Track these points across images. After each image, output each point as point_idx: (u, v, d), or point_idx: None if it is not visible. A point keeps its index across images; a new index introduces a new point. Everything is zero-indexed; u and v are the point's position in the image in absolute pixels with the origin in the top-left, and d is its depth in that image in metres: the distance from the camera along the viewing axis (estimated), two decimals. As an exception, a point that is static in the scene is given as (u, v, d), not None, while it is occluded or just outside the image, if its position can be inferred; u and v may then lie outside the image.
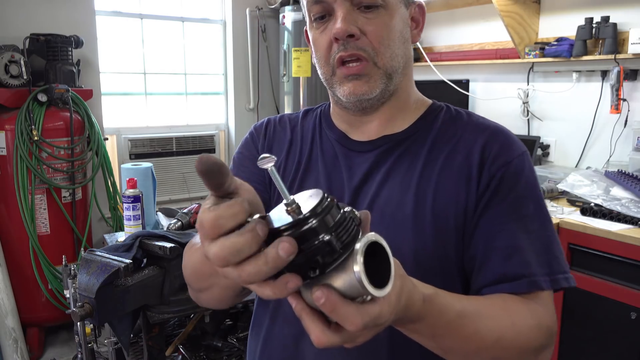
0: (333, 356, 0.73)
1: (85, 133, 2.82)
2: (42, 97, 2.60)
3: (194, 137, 3.66)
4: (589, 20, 2.40)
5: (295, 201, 0.42)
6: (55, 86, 2.62)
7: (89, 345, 1.83)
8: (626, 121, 2.44)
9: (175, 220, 1.92)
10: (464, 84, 3.05)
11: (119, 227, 2.97)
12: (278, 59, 3.67)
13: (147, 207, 1.98)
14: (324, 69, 0.78)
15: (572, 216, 2.04)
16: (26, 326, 2.67)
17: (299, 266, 0.42)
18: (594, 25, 2.40)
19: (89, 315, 1.46)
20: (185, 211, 1.97)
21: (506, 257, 0.70)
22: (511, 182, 0.73)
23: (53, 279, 2.65)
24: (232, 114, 3.83)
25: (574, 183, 2.22)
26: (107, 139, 3.15)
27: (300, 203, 0.42)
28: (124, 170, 2.03)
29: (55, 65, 2.72)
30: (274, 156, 0.43)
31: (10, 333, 2.50)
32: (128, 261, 1.53)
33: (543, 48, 2.61)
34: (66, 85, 2.69)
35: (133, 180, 1.84)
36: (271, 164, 0.43)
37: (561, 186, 2.26)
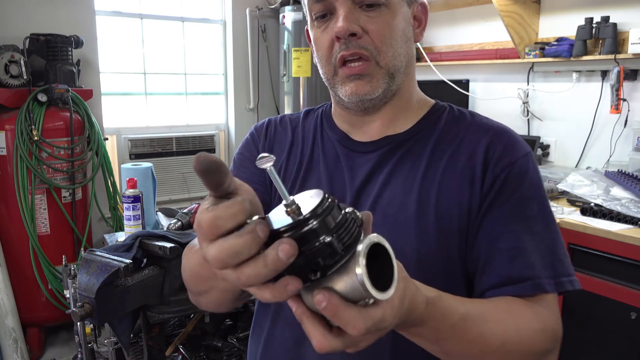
0: None
1: (85, 133, 2.82)
2: (42, 97, 2.60)
3: (194, 137, 3.66)
4: (589, 20, 2.40)
5: (295, 202, 0.41)
6: (55, 86, 2.62)
7: (89, 345, 1.83)
8: (626, 121, 2.44)
9: (175, 220, 1.92)
10: (464, 84, 3.05)
11: (119, 227, 2.97)
12: (278, 59, 3.67)
13: (147, 207, 1.99)
14: (326, 69, 0.77)
15: (572, 216, 2.04)
16: (26, 326, 2.67)
17: (299, 269, 0.41)
18: (594, 25, 2.40)
19: (89, 315, 1.46)
20: (185, 211, 1.97)
21: (510, 259, 0.69)
22: (515, 183, 0.72)
23: (53, 279, 2.65)
24: (232, 114, 3.83)
25: (574, 183, 2.22)
26: (107, 139, 3.15)
27: (300, 204, 0.41)
28: (124, 170, 2.03)
29: (55, 65, 2.72)
30: (273, 156, 0.42)
31: (10, 333, 2.50)
32: (128, 261, 1.53)
33: (543, 48, 2.61)
34: (66, 85, 2.69)
35: (133, 180, 1.84)
36: (270, 164, 0.42)
37: (561, 186, 2.26)
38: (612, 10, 2.41)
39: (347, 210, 0.43)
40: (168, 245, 1.61)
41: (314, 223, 0.40)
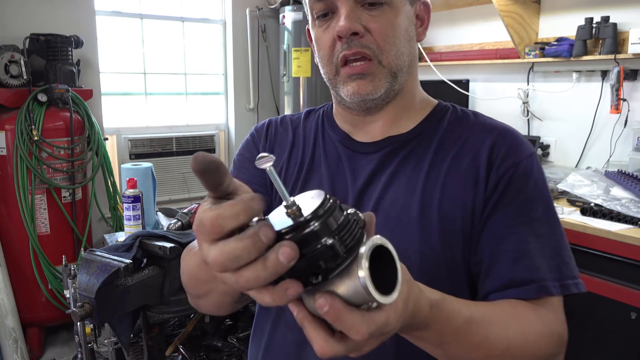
0: None
1: (85, 133, 2.82)
2: (42, 97, 2.60)
3: (194, 137, 3.66)
4: (589, 20, 2.40)
5: (295, 203, 0.40)
6: (55, 86, 2.62)
7: (89, 345, 1.83)
8: (626, 121, 2.44)
9: (175, 220, 1.93)
10: (464, 84, 3.05)
11: (119, 227, 2.97)
12: (278, 59, 3.67)
13: (147, 207, 1.99)
14: (327, 69, 0.76)
15: (572, 216, 2.04)
16: (26, 326, 2.67)
17: (300, 272, 0.39)
18: (594, 25, 2.40)
19: (89, 315, 1.46)
20: (185, 211, 1.97)
21: (514, 261, 0.68)
22: (520, 184, 0.71)
23: (53, 279, 2.65)
24: (232, 114, 3.83)
25: (574, 183, 2.22)
26: (107, 139, 3.15)
27: (301, 205, 0.40)
28: (124, 170, 2.03)
29: (55, 65, 2.72)
30: (273, 155, 0.41)
31: (10, 333, 2.50)
32: (128, 261, 1.53)
33: (543, 48, 2.61)
34: (66, 85, 2.69)
35: (133, 180, 1.84)
36: (269, 164, 0.41)
37: (561, 186, 2.26)
38: (612, 10, 2.41)
39: (349, 211, 0.42)
40: (168, 245, 1.61)
41: (315, 225, 0.39)
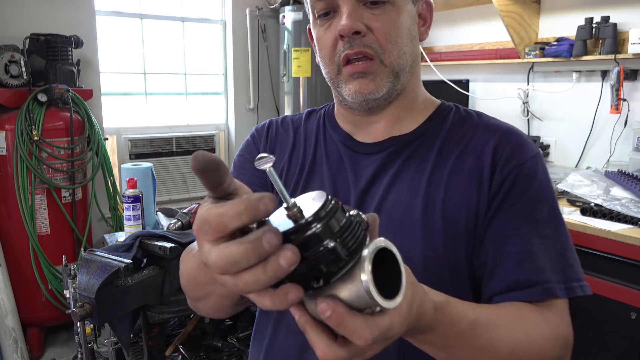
0: None
1: (85, 133, 2.82)
2: (42, 97, 2.60)
3: (194, 137, 3.66)
4: (589, 20, 2.40)
5: (296, 204, 0.39)
6: (55, 86, 2.62)
7: (89, 345, 1.83)
8: (626, 121, 2.44)
9: (175, 220, 1.93)
10: (464, 84, 3.05)
11: (119, 227, 2.97)
12: (278, 59, 3.67)
13: (147, 207, 1.99)
14: (329, 68, 0.75)
15: (572, 216, 2.04)
16: (26, 326, 2.67)
17: (301, 276, 0.38)
18: (594, 25, 2.40)
19: (89, 315, 1.47)
20: (185, 211, 1.97)
21: (518, 263, 0.67)
22: (524, 185, 0.70)
23: (53, 279, 2.65)
24: (232, 114, 3.83)
25: (574, 183, 2.22)
26: (107, 139, 3.15)
27: (302, 206, 0.39)
28: (124, 170, 2.03)
29: (55, 65, 2.72)
30: (273, 156, 0.40)
31: (10, 333, 2.50)
32: (128, 261, 1.54)
33: (543, 48, 2.61)
34: (66, 85, 2.69)
35: (133, 180, 1.84)
36: (269, 165, 0.40)
37: (561, 186, 2.26)
38: (612, 10, 2.41)
39: (352, 212, 0.41)
40: (168, 245, 1.61)
41: (317, 227, 0.37)
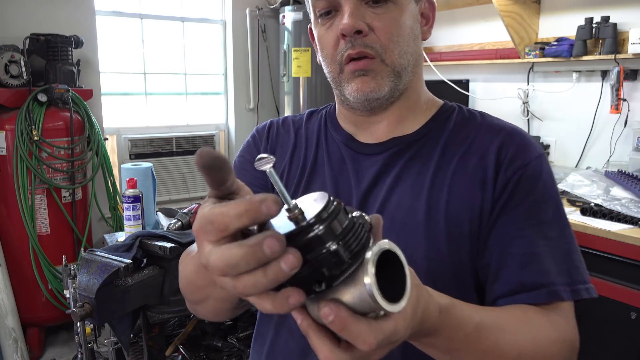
0: None
1: (85, 133, 2.82)
2: (42, 97, 2.60)
3: (194, 137, 3.66)
4: (589, 20, 2.40)
5: (298, 206, 0.38)
6: (55, 86, 2.62)
7: (89, 345, 1.83)
8: (626, 121, 2.44)
9: (175, 220, 1.93)
10: (464, 84, 3.05)
11: (119, 227, 2.97)
12: (278, 59, 3.67)
13: (147, 207, 1.99)
14: (331, 67, 0.74)
15: (572, 216, 2.04)
16: (26, 326, 2.67)
17: (303, 279, 0.37)
18: (594, 25, 2.40)
19: (89, 315, 1.47)
20: (185, 211, 1.97)
21: (523, 265, 0.66)
22: (528, 186, 0.69)
23: (53, 279, 2.65)
24: (232, 114, 3.83)
25: (574, 183, 2.22)
26: (107, 139, 3.15)
27: (303, 208, 0.38)
28: (124, 170, 2.03)
29: (55, 65, 2.72)
30: (273, 157, 0.39)
31: (10, 333, 2.50)
32: (128, 261, 1.54)
33: (543, 48, 2.61)
34: (66, 85, 2.69)
35: (133, 180, 1.84)
36: (269, 165, 0.39)
37: (561, 186, 2.25)
38: (612, 10, 2.41)
39: (355, 214, 0.40)
40: (168, 245, 1.61)
41: (319, 229, 0.36)
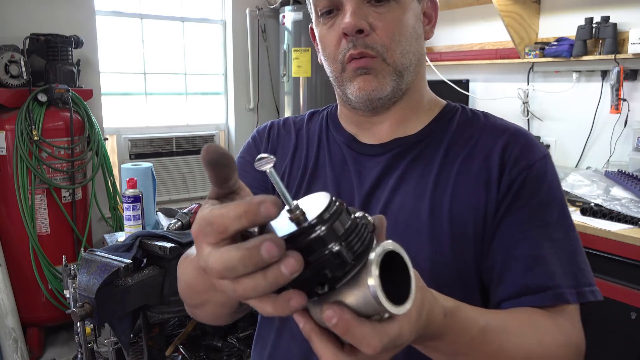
0: None
1: (85, 133, 2.82)
2: (42, 97, 2.60)
3: (194, 137, 3.66)
4: (589, 20, 2.40)
5: (299, 207, 0.37)
6: (55, 86, 2.62)
7: (89, 345, 1.83)
8: (626, 121, 2.44)
9: (175, 220, 1.93)
10: (464, 84, 3.05)
11: (119, 227, 2.97)
12: (278, 59, 3.67)
13: (147, 207, 1.99)
14: (333, 67, 0.73)
15: (572, 216, 2.04)
16: (26, 326, 2.67)
17: (305, 281, 0.36)
18: (594, 25, 2.40)
19: (89, 315, 1.47)
20: (185, 211, 1.97)
21: (528, 267, 0.65)
22: (533, 187, 0.69)
23: (53, 279, 2.65)
24: (232, 114, 3.83)
25: (574, 183, 2.22)
26: (107, 139, 3.15)
27: (305, 209, 0.37)
28: (124, 170, 2.03)
29: (55, 65, 2.72)
30: (273, 157, 0.38)
31: (10, 333, 2.50)
32: (128, 261, 1.54)
33: (543, 48, 2.61)
34: (66, 85, 2.69)
35: (133, 180, 1.84)
36: (270, 165, 0.38)
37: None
38: (612, 10, 2.41)
39: (357, 214, 0.39)
40: (168, 245, 1.61)
41: (321, 229, 0.36)
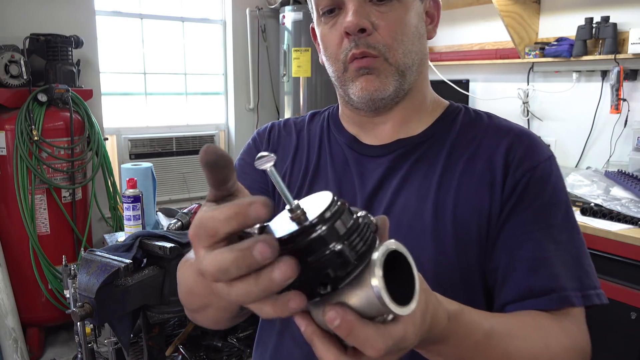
0: None
1: (85, 133, 2.82)
2: (42, 97, 2.60)
3: (194, 137, 3.66)
4: (589, 20, 2.40)
5: (300, 206, 0.36)
6: (55, 86, 2.62)
7: (89, 345, 1.83)
8: (626, 121, 2.44)
9: (175, 220, 1.93)
10: (464, 84, 3.05)
11: (119, 227, 2.97)
12: (278, 59, 3.67)
13: (147, 207, 1.99)
14: (335, 66, 0.73)
15: (572, 216, 2.04)
16: (26, 326, 2.67)
17: (307, 282, 0.35)
18: (594, 25, 2.40)
19: (89, 315, 1.47)
20: (185, 211, 1.97)
21: (532, 269, 0.64)
22: (537, 188, 0.68)
23: (53, 279, 2.65)
24: (232, 114, 3.83)
25: (574, 183, 2.22)
26: (107, 139, 3.15)
27: (306, 208, 0.36)
28: (124, 170, 2.03)
29: (55, 65, 2.72)
30: (274, 155, 0.37)
31: (10, 333, 2.50)
32: (128, 261, 1.54)
33: (543, 48, 2.61)
34: (66, 85, 2.69)
35: (133, 180, 1.84)
36: (270, 164, 0.37)
37: (561, 186, 2.26)
38: (612, 10, 2.41)
39: (360, 214, 0.38)
40: (168, 245, 1.61)
41: (322, 229, 0.35)
